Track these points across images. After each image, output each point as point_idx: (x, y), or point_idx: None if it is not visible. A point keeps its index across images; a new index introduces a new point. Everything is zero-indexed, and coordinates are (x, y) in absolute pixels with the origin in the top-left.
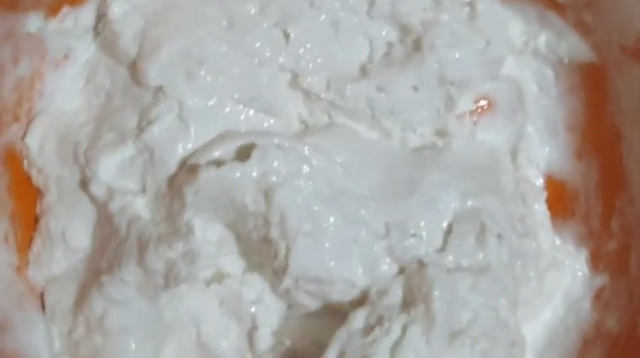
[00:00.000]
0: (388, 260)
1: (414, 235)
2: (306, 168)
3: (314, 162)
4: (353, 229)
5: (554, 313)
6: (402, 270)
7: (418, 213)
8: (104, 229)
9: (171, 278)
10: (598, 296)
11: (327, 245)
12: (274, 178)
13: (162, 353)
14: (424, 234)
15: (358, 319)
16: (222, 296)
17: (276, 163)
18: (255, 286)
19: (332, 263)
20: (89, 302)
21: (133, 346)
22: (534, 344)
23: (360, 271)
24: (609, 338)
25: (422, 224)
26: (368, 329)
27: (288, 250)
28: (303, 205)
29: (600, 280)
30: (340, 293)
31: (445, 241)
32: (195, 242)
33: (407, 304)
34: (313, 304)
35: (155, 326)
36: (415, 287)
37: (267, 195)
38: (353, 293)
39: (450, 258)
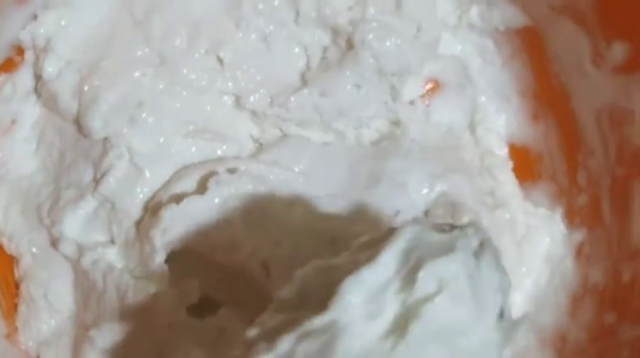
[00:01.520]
0: None
1: (397, 215)
2: (262, 186)
3: (271, 177)
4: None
5: (539, 278)
6: None
7: (391, 198)
8: (83, 285)
9: None
10: (579, 252)
11: (303, 250)
12: (234, 203)
13: None
14: (404, 214)
15: None
16: (218, 327)
17: (233, 189)
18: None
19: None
20: None
21: None
22: (522, 309)
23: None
24: (597, 291)
25: (399, 206)
26: None
27: (266, 268)
28: (269, 220)
29: (579, 235)
30: None
31: None
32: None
33: None
34: None
35: None
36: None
37: (230, 222)
38: None
39: None
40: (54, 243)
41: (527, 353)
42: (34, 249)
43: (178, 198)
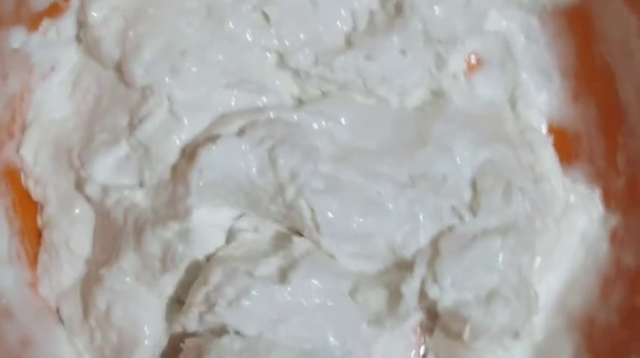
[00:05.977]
0: (421, 210)
1: (444, 180)
2: (309, 129)
3: (314, 126)
4: (375, 183)
5: (574, 258)
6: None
7: (437, 161)
8: (103, 225)
9: (168, 260)
10: (614, 236)
11: (350, 200)
12: (272, 142)
13: None
14: (452, 180)
15: None
16: None
17: (273, 130)
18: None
19: (366, 218)
20: (93, 301)
21: (147, 332)
22: (555, 290)
23: (395, 223)
24: (629, 274)
25: (446, 171)
26: None
27: (312, 210)
28: (309, 161)
29: (614, 219)
30: (383, 253)
31: (474, 198)
32: (192, 222)
33: None
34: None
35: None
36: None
37: (270, 157)
38: (392, 254)
39: (482, 218)
40: (79, 184)
41: (555, 337)
42: (59, 194)
43: (215, 139)
